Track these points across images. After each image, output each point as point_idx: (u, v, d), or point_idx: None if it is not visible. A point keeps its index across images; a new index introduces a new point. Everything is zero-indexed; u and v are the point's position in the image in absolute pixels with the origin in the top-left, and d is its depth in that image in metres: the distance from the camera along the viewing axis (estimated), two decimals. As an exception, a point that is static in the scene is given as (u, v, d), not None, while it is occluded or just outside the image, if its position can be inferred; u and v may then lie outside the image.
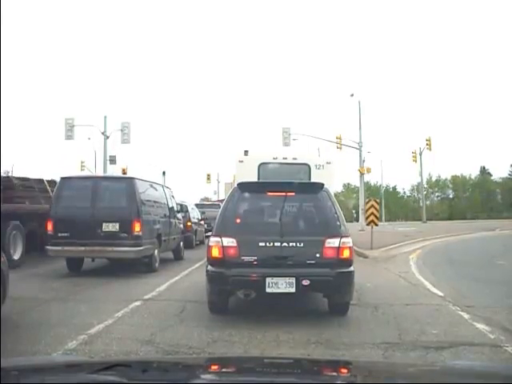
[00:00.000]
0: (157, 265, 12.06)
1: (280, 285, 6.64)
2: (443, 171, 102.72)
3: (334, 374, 2.13)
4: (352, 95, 35.60)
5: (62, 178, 11.56)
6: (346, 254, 6.80)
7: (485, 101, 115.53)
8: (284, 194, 7.08)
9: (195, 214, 21.47)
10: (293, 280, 6.62)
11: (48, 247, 11.09)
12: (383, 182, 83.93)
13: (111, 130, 34.26)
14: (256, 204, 7.60)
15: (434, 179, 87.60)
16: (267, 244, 6.77)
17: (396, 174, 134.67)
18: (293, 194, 7.23)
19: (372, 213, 17.61)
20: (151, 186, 13.04)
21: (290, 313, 7.25)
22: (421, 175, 55.00)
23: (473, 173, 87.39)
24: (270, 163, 13.81)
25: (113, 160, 35.01)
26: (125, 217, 10.95)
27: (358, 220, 67.35)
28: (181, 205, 18.19)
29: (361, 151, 36.02)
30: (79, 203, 11.09)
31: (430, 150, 40.26)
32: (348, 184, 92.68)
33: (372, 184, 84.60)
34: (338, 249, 6.79)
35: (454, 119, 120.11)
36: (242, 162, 14.09)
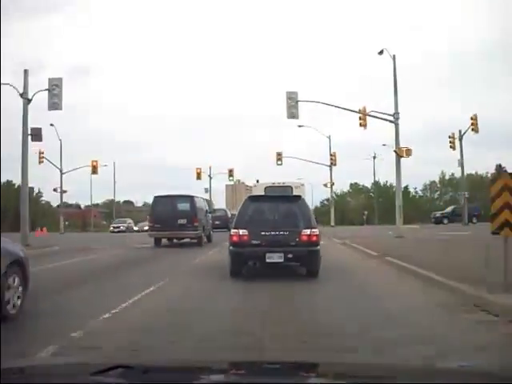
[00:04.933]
0: (207, 241, 22.37)
1: (274, 257, 10.66)
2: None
3: (335, 375, 2.15)
4: (381, 52, 27.71)
5: (155, 197, 22.18)
6: (314, 238, 10.84)
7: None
8: (277, 202, 11.68)
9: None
10: (282, 254, 10.66)
11: (149, 232, 21.43)
12: (390, 179, 73.50)
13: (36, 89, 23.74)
14: (259, 208, 11.55)
15: (447, 177, 79.56)
16: (266, 233, 10.80)
17: (405, 170, 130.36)
18: (282, 202, 11.69)
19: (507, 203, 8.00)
20: (199, 198, 23.36)
21: (280, 275, 11.07)
22: (461, 166, 44.95)
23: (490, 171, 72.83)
24: (270, 186, 23.70)
25: (37, 135, 25.23)
26: (189, 216, 21.10)
27: (367, 223, 64.75)
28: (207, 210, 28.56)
29: (397, 125, 27.28)
30: (165, 209, 21.31)
31: (477, 131, 34.13)
32: (355, 183, 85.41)
33: (382, 183, 77.28)
34: (309, 235, 10.79)
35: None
36: (255, 186, 24.56)
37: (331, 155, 50.94)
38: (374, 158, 65.76)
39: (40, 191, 75.99)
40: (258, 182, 25.17)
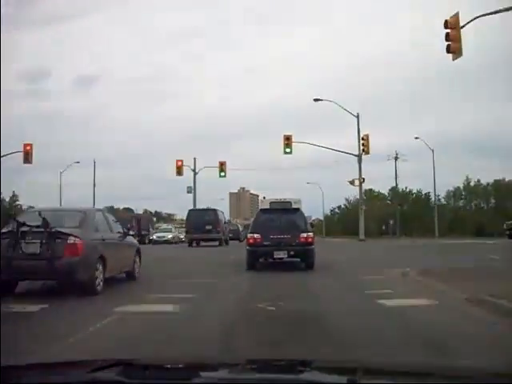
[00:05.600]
0: (225, 244, 29.57)
1: (280, 254, 14.17)
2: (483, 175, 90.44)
3: (337, 375, 2.14)
4: None
5: (190, 210, 29.63)
6: (309, 240, 14.21)
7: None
8: (281, 213, 14.84)
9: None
10: (286, 252, 14.14)
11: (185, 235, 28.84)
12: (410, 185, 70.41)
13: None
14: (269, 217, 14.91)
15: (472, 184, 72.32)
16: (274, 236, 14.18)
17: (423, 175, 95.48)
18: (285, 213, 14.83)
19: None
20: (220, 211, 30.75)
21: (284, 268, 14.07)
22: None
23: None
24: (274, 202, 30.51)
25: None
26: (214, 223, 28.33)
27: (387, 233, 57.76)
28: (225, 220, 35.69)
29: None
30: (196, 219, 28.52)
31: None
32: (370, 189, 72.26)
33: (400, 189, 66.19)
34: (306, 238, 14.23)
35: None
36: (262, 201, 31.86)
37: (363, 139, 37.96)
38: (396, 158, 57.48)
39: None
40: (264, 198, 32.30)
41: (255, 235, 14.37)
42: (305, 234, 14.21)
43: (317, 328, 6.47)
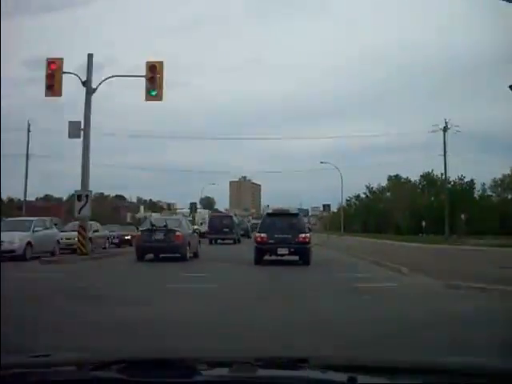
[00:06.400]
0: (238, 242, 38.87)
1: (282, 251, 16.81)
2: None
3: (335, 371, 2.15)
4: None
5: (211, 215, 39.08)
6: (306, 240, 16.95)
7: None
8: (285, 216, 18.10)
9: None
10: (287, 249, 16.73)
11: (207, 235, 38.07)
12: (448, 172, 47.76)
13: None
14: (273, 220, 17.82)
15: None
16: (278, 235, 16.85)
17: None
18: (287, 216, 18.00)
19: None
20: (235, 217, 40.14)
21: (285, 264, 16.67)
22: None
23: None
24: (277, 209, 39.39)
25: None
26: (230, 226, 37.59)
27: (424, 231, 46.57)
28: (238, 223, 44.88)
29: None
30: (216, 223, 37.81)
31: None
32: (396, 176, 63.99)
33: (435, 175, 56.77)
34: (304, 238, 16.89)
35: None
36: (267, 206, 41.53)
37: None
38: (445, 129, 43.40)
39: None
40: (267, 206, 41.65)
41: (262, 235, 17.29)
42: (303, 235, 17.16)
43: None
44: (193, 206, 57.15)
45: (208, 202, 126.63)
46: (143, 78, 19.47)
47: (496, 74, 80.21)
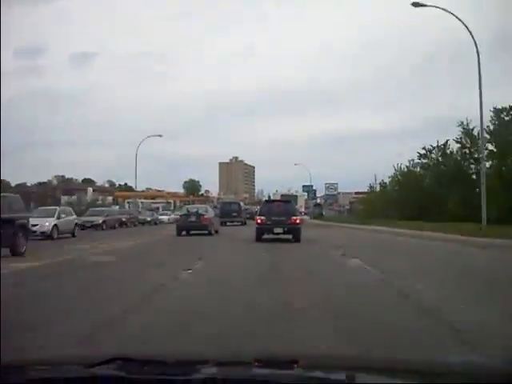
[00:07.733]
0: (244, 224, 46.80)
1: (278, 230, 20.52)
2: None
3: (335, 371, 2.16)
4: None
5: (222, 202, 47.11)
6: (297, 221, 20.77)
7: None
8: (280, 202, 24.59)
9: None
10: (282, 229, 20.48)
11: (220, 219, 45.82)
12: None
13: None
14: (271, 205, 22.46)
15: None
16: (274, 218, 20.52)
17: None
18: (281, 203, 23.56)
19: None
20: (242, 203, 48.31)
21: (280, 241, 19.92)
22: None
23: None
24: (283, 194, 47.89)
25: None
26: (238, 211, 45.54)
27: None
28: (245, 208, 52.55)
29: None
30: (226, 209, 45.74)
31: None
32: (427, 151, 40.62)
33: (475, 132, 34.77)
34: (295, 219, 20.63)
35: None
36: (275, 194, 49.87)
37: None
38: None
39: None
40: (277, 191, 49.14)
41: (261, 217, 20.94)
42: (294, 217, 20.81)
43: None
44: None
45: (192, 185, 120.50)
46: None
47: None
